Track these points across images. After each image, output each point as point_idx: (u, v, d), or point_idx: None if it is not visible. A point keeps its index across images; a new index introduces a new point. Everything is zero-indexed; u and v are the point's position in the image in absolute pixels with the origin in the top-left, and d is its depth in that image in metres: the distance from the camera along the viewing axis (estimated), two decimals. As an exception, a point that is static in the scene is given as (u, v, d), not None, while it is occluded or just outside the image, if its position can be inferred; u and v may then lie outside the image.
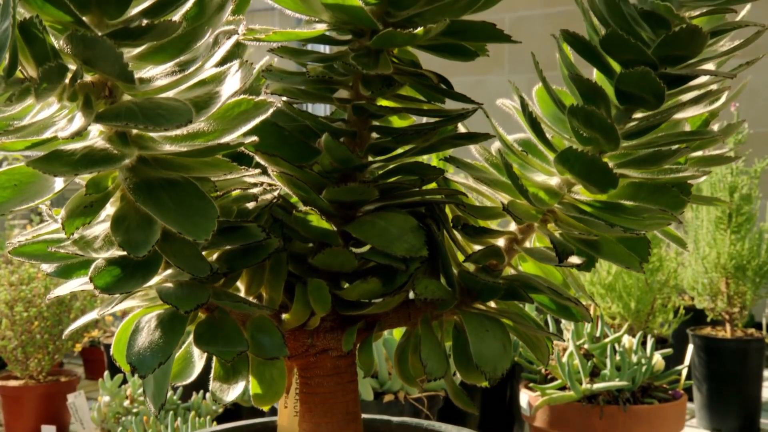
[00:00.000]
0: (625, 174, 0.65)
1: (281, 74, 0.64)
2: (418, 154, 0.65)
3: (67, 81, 0.47)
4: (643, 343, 1.77)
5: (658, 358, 1.71)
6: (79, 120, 0.47)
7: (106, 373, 2.07)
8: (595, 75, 0.66)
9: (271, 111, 0.56)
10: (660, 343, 2.22)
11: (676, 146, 0.60)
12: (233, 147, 0.52)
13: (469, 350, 0.62)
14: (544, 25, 5.02)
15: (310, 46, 0.67)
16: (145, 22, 0.49)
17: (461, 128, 0.69)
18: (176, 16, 0.49)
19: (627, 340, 1.74)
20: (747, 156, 2.44)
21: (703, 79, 0.63)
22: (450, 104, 0.66)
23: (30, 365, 2.43)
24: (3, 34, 0.41)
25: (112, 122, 0.47)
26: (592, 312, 1.93)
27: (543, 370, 1.79)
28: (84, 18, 0.47)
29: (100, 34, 0.48)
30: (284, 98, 0.62)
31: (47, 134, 0.48)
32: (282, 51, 0.60)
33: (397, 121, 0.69)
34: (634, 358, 1.65)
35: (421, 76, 0.62)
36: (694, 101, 0.61)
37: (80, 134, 0.46)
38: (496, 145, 0.69)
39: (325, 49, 0.66)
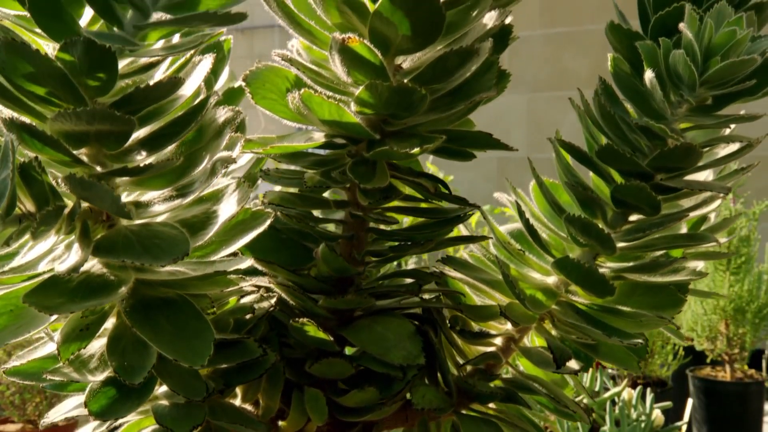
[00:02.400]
0: (622, 276, 0.65)
1: (279, 175, 0.64)
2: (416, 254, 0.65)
3: (65, 214, 0.47)
4: (643, 396, 1.76)
5: (657, 413, 1.70)
6: (76, 254, 0.47)
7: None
8: (591, 177, 0.66)
9: (268, 222, 0.56)
10: (659, 386, 2.21)
11: (672, 258, 0.60)
12: (230, 271, 0.52)
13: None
14: (544, 45, 5.04)
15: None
16: (143, 153, 0.49)
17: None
18: (174, 144, 0.50)
19: (626, 393, 1.74)
20: (746, 197, 2.45)
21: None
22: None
23: (27, 410, 2.42)
24: (2, 183, 0.41)
25: (110, 257, 0.47)
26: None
27: (542, 424, 1.78)
28: (82, 154, 0.47)
29: (99, 170, 0.48)
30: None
31: (43, 267, 0.48)
32: (281, 158, 0.60)
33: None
34: (634, 414, 1.64)
35: (419, 184, 0.62)
36: (691, 209, 0.61)
37: (77, 270, 0.46)
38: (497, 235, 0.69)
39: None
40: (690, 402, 1.96)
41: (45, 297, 0.48)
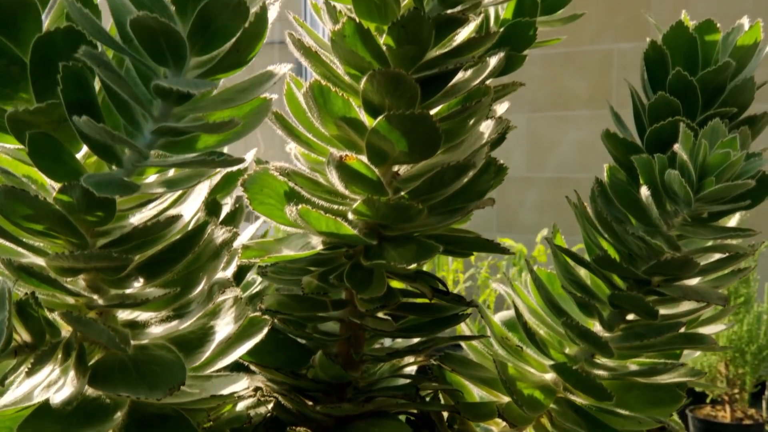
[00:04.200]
0: (621, 377, 0.65)
1: (276, 276, 0.64)
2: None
3: (61, 346, 0.48)
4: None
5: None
6: (71, 384, 0.47)
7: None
8: (589, 277, 0.66)
9: (266, 330, 0.56)
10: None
11: (670, 364, 0.60)
12: (227, 395, 0.52)
13: None
14: (543, 67, 5.06)
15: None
16: (141, 279, 0.49)
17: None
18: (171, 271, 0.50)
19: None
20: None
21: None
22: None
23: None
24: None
25: (106, 389, 0.47)
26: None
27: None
28: (80, 284, 0.48)
29: (96, 298, 0.48)
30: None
31: (38, 395, 0.48)
32: (275, 269, 0.60)
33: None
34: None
35: (416, 287, 0.62)
36: (688, 313, 0.62)
37: (71, 403, 0.46)
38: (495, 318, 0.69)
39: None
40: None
41: (40, 426, 0.48)
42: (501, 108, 0.70)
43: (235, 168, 0.76)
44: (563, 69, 5.49)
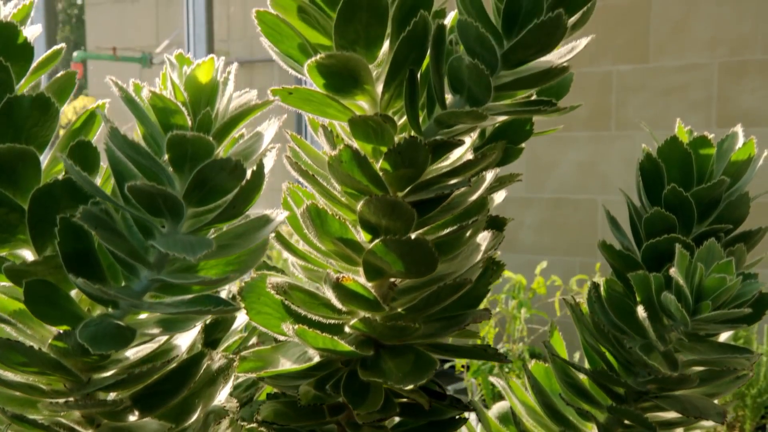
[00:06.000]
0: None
1: (274, 379, 0.64)
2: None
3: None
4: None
5: None
6: None
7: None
8: (587, 381, 0.66)
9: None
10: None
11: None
12: None
13: None
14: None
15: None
16: (136, 412, 0.49)
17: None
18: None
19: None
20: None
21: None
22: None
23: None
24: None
25: None
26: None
27: None
28: (75, 418, 0.48)
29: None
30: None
31: None
32: (273, 380, 0.60)
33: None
34: None
35: (414, 399, 0.62)
36: (683, 423, 0.62)
37: None
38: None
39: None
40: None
41: None
42: (498, 197, 0.70)
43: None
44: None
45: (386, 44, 0.55)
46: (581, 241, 4.27)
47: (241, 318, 0.71)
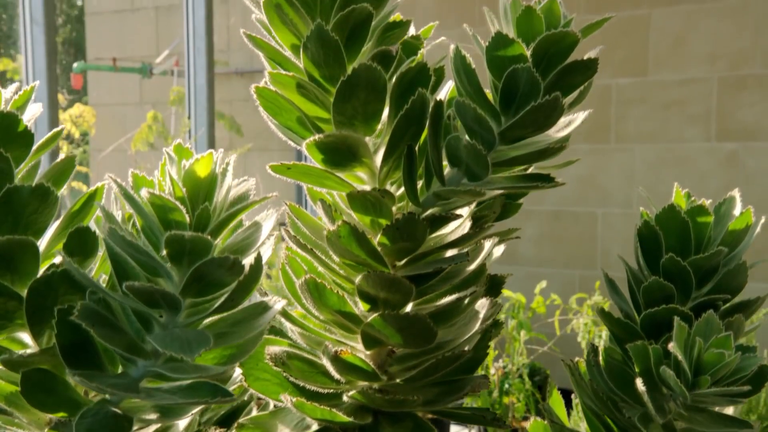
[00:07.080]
0: None
1: None
2: None
3: None
4: None
5: None
6: None
7: None
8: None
9: None
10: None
11: None
12: None
13: None
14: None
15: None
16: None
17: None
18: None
19: None
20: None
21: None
22: None
23: None
24: None
25: None
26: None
27: None
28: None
29: None
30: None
31: None
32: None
33: None
34: None
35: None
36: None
37: None
38: None
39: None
40: None
41: None
42: (497, 251, 0.70)
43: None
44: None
45: (385, 113, 0.55)
46: (581, 253, 4.26)
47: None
